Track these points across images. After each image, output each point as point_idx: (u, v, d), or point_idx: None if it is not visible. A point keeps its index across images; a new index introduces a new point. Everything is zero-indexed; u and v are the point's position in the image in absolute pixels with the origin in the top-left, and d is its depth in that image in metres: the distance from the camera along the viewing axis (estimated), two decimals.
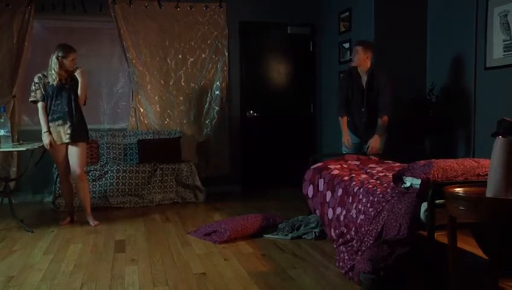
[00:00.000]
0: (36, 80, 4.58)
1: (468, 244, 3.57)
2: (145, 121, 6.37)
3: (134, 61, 6.21)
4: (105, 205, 5.55)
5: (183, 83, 6.45)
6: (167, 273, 3.25)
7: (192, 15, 6.42)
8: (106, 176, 5.60)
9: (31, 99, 4.60)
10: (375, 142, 4.69)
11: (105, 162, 5.90)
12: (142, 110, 6.35)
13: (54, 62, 4.52)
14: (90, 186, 5.51)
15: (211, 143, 6.57)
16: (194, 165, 5.99)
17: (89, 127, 6.25)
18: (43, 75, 4.59)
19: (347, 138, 4.93)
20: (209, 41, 6.49)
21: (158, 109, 6.40)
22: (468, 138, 4.89)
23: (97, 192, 5.55)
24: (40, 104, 4.57)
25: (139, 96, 6.31)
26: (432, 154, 4.90)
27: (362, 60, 4.72)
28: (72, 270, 3.33)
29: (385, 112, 4.67)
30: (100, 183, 5.57)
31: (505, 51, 4.37)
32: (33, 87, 4.58)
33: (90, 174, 5.54)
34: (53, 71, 4.52)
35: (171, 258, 3.60)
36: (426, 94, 5.27)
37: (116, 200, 5.61)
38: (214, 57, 6.51)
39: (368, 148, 4.75)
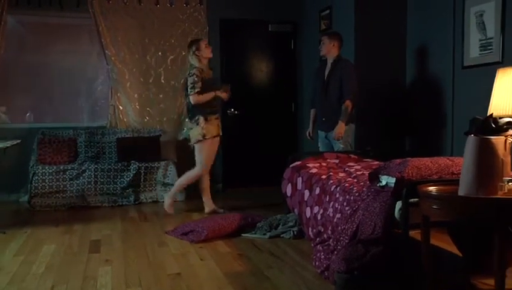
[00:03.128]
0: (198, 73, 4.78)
1: (444, 242, 3.59)
2: (124, 119, 6.29)
3: (113, 58, 6.13)
4: (82, 204, 5.47)
5: (163, 81, 6.39)
6: (141, 274, 3.20)
7: (172, 12, 6.35)
8: (84, 174, 5.51)
9: (197, 90, 4.76)
10: (338, 129, 4.65)
11: (83, 160, 5.81)
12: (121, 108, 6.27)
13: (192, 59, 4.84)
14: (68, 185, 5.44)
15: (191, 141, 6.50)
16: (174, 164, 5.93)
17: (66, 125, 6.19)
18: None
19: (309, 130, 5.14)
20: (189, 39, 6.38)
21: (137, 107, 6.33)
22: (447, 136, 4.91)
23: (74, 191, 5.46)
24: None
25: (118, 94, 6.23)
26: (411, 153, 4.91)
27: (328, 49, 4.79)
28: (43, 272, 3.26)
29: (348, 97, 4.64)
30: (77, 182, 5.48)
31: (481, 50, 4.39)
32: (196, 79, 4.75)
33: (67, 173, 5.46)
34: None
35: (147, 258, 3.55)
36: (405, 92, 5.29)
37: (94, 199, 5.52)
38: None
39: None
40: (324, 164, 4.23)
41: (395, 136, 5.38)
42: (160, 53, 6.34)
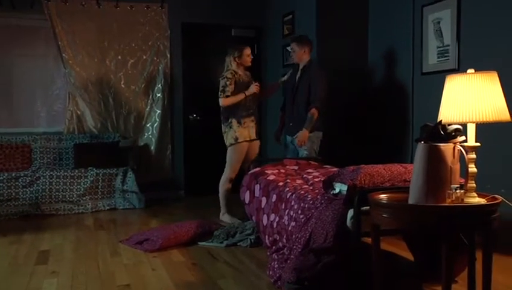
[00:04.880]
0: (231, 75, 4.76)
1: (401, 248, 3.58)
2: (83, 125, 6.12)
3: (70, 61, 5.96)
4: (36, 212, 5.26)
5: (123, 85, 6.24)
6: (88, 286, 3.07)
7: (132, 15, 6.22)
8: (38, 182, 5.31)
9: (227, 94, 4.73)
10: (301, 136, 4.60)
11: (37, 167, 5.61)
12: (79, 113, 6.09)
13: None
14: (20, 193, 5.24)
15: (152, 147, 6.38)
16: (133, 170, 5.78)
17: (21, 130, 5.97)
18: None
19: (277, 132, 5.17)
20: (150, 43, 6.31)
21: (96, 112, 6.16)
22: (408, 143, 4.93)
23: (27, 199, 5.26)
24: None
25: (76, 99, 6.06)
26: (372, 159, 4.90)
27: (300, 56, 4.75)
28: None
29: (314, 104, 4.59)
30: (31, 189, 5.28)
31: (438, 57, 4.43)
32: (227, 82, 4.74)
33: (20, 180, 5.25)
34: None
35: (97, 269, 3.41)
36: (368, 98, 5.30)
37: (48, 207, 5.33)
38: (155, 58, 6.33)
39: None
40: (283, 171, 4.17)
41: (357, 143, 5.37)
42: (120, 57, 6.19)
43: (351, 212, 2.64)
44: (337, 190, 2.92)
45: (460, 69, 4.15)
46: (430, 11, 4.49)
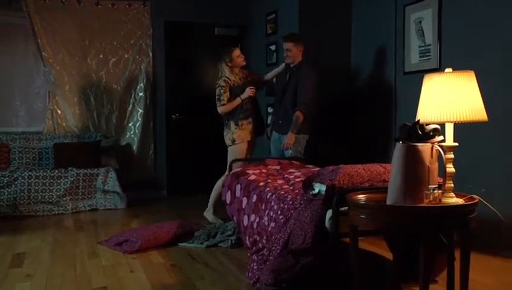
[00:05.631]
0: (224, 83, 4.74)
1: (382, 248, 3.56)
2: (63, 124, 6.03)
3: (50, 60, 5.86)
4: (14, 213, 5.15)
5: (104, 84, 6.16)
6: (63, 288, 3.00)
7: (114, 13, 6.14)
8: (16, 182, 5.21)
9: (223, 102, 4.76)
10: (288, 138, 4.59)
11: (16, 167, 5.50)
12: (59, 112, 6.00)
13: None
14: None
15: (134, 147, 6.31)
16: (115, 170, 5.70)
17: None
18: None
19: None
20: (132, 41, 6.23)
21: (77, 111, 6.07)
22: (390, 142, 4.91)
23: (5, 200, 5.15)
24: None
25: (57, 98, 5.96)
26: (355, 159, 4.88)
27: (296, 55, 4.70)
28: None
29: (299, 107, 4.56)
30: (9, 190, 5.18)
31: (420, 57, 4.42)
32: (221, 91, 4.73)
33: None
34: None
35: (73, 271, 3.35)
36: (351, 97, 5.28)
37: (27, 209, 5.23)
38: (137, 57, 6.26)
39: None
40: (264, 171, 4.13)
41: (340, 143, 5.35)
42: (101, 56, 6.11)
43: (329, 213, 2.61)
44: (316, 190, 2.88)
45: (441, 68, 4.14)
46: (412, 11, 4.48)
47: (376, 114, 5.11)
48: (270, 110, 5.92)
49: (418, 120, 2.33)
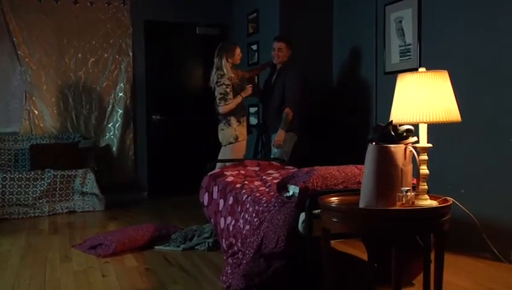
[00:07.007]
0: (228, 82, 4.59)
1: (360, 250, 3.51)
2: (41, 125, 5.91)
3: (27, 59, 5.74)
4: None
5: (83, 84, 6.04)
6: None
7: (93, 12, 6.03)
8: None
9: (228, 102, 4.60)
10: (278, 136, 4.60)
11: None
12: (36, 112, 5.88)
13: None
14: None
15: (114, 148, 6.20)
16: (93, 172, 5.59)
17: None
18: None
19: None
20: (111, 41, 6.13)
21: (55, 112, 5.96)
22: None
23: None
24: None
25: (34, 98, 5.84)
26: (335, 160, 4.83)
27: (285, 56, 4.73)
28: None
29: (288, 104, 4.59)
30: None
31: (401, 56, 4.38)
32: (227, 90, 4.58)
33: None
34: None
35: (43, 277, 3.24)
36: (332, 97, 5.23)
37: (1, 211, 5.09)
38: (117, 57, 6.15)
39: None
40: (243, 172, 4.06)
41: (321, 143, 5.29)
42: (80, 55, 6.00)
43: (302, 216, 2.54)
44: (291, 193, 2.82)
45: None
46: (392, 10, 4.44)
47: (357, 114, 5.07)
48: (252, 110, 5.86)
49: (391, 121, 2.27)
